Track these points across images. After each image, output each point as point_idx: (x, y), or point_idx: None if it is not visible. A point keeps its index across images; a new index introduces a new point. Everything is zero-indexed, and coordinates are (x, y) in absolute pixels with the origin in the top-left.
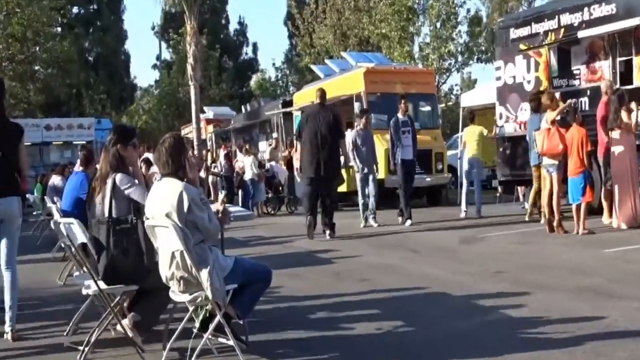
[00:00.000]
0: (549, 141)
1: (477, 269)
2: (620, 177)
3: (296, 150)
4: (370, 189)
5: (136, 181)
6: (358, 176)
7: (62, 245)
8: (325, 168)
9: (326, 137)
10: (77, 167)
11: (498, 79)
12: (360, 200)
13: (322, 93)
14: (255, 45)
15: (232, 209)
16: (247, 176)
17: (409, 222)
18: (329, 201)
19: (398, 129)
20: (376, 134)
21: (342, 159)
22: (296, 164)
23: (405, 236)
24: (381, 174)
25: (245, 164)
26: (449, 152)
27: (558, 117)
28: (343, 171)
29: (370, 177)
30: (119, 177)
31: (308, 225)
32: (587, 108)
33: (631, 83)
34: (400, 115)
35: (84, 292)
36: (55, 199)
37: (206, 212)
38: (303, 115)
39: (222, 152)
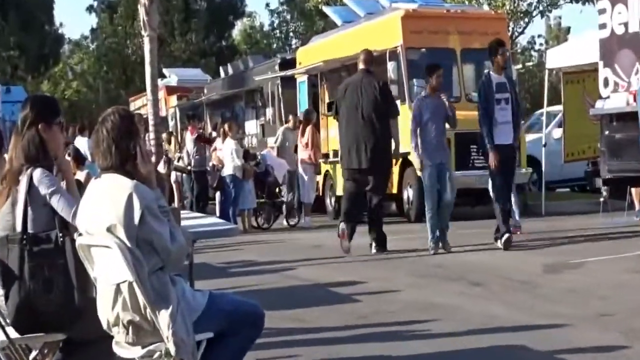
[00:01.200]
0: None
1: (570, 310)
2: None
3: (302, 135)
4: (447, 194)
5: (63, 183)
6: (425, 173)
7: None
8: (371, 157)
9: (372, 114)
10: None
11: (602, 26)
12: (429, 213)
13: (368, 55)
14: None
15: (205, 220)
16: (227, 171)
17: (505, 238)
18: (376, 203)
19: (491, 96)
20: None
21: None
22: (302, 154)
23: (463, 261)
24: None
25: (224, 154)
26: (529, 137)
27: None
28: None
29: (447, 175)
30: (38, 174)
31: (341, 232)
32: None
33: None
34: (494, 74)
35: None
36: None
37: (167, 226)
38: (341, 86)
39: (190, 136)
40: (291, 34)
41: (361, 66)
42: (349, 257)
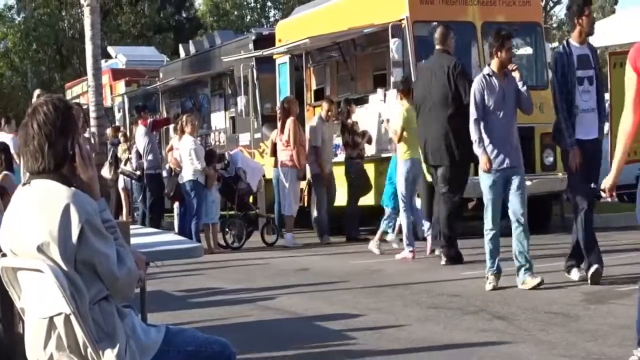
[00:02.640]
0: None
1: (618, 350)
2: None
3: (282, 131)
4: (515, 204)
5: None
6: (487, 178)
7: None
8: (446, 152)
9: (445, 103)
10: None
11: None
12: (489, 232)
13: (445, 33)
14: None
15: (161, 238)
16: (186, 176)
17: (593, 270)
18: (450, 203)
19: (571, 74)
20: None
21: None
22: (281, 155)
23: (482, 288)
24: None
25: (181, 154)
26: None
27: None
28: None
29: (516, 181)
30: None
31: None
32: None
33: None
34: (574, 42)
35: None
36: None
37: (113, 245)
38: (416, 71)
39: (141, 132)
40: (269, 3)
41: (438, 46)
42: (341, 283)
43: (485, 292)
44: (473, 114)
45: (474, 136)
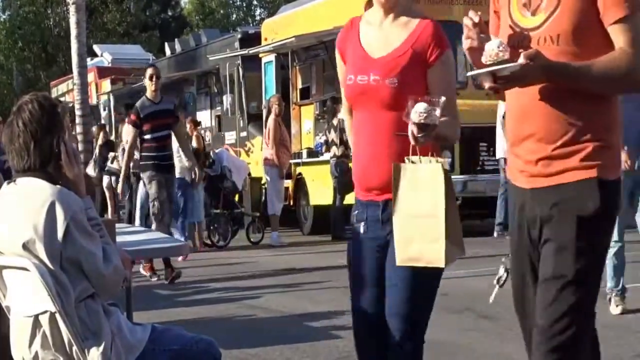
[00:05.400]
0: None
1: (602, 350)
2: None
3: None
4: None
5: None
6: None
7: None
8: None
9: None
10: None
11: None
12: (617, 242)
13: None
14: None
15: (147, 236)
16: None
17: None
18: None
19: None
20: None
21: None
22: (264, 152)
23: (469, 288)
24: None
25: None
26: None
27: None
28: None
29: None
30: None
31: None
32: None
33: None
34: None
35: None
36: None
37: (99, 242)
38: None
39: (128, 130)
40: (255, 2)
41: None
42: (327, 282)
43: (471, 292)
44: None
45: None
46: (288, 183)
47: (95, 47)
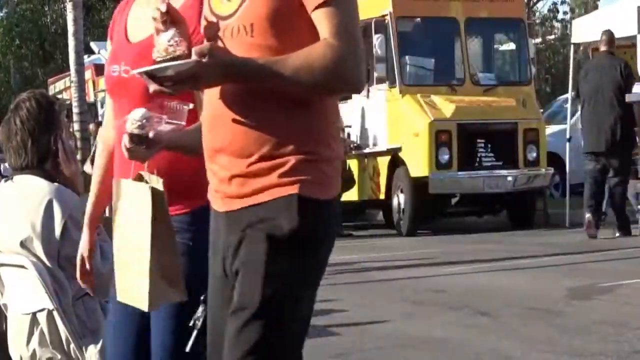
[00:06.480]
0: None
1: (600, 346)
2: None
3: None
4: None
5: None
6: None
7: None
8: (612, 140)
9: (613, 97)
10: None
11: None
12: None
13: (610, 36)
14: None
15: None
16: None
17: None
18: (617, 187)
19: None
20: (413, 96)
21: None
22: None
23: (467, 284)
24: (424, 169)
25: None
26: (550, 129)
27: None
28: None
29: None
30: None
31: (587, 223)
32: None
33: None
34: None
35: None
36: None
37: (97, 241)
38: (583, 69)
39: None
40: None
41: (604, 48)
42: (325, 279)
43: (469, 288)
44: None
45: None
46: None
47: (93, 45)
